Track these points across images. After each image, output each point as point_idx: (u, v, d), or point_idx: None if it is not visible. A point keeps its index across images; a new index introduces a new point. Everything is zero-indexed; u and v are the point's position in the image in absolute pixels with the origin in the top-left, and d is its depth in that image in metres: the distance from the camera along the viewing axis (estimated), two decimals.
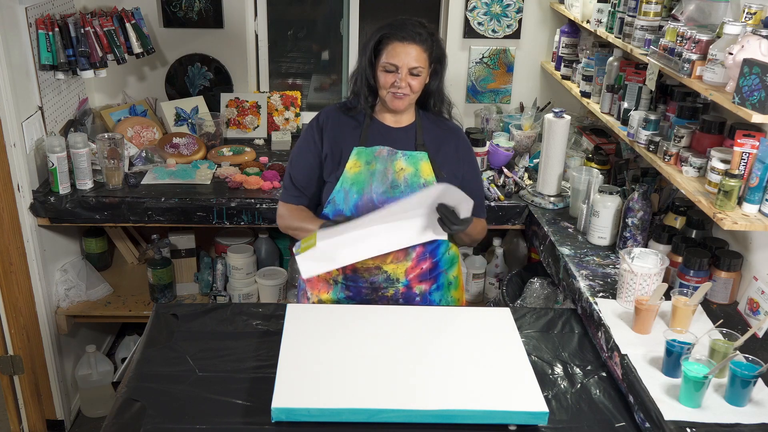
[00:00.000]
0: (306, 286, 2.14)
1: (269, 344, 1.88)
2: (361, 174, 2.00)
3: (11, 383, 2.79)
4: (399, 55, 1.92)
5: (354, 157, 2.01)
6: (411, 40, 1.92)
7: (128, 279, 3.15)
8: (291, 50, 3.84)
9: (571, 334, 2.02)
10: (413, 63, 1.92)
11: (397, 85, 1.94)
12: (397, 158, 2.01)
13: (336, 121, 2.07)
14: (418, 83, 1.96)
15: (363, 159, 2.01)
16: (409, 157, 2.02)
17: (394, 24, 1.95)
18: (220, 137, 3.22)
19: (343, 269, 2.05)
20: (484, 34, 3.38)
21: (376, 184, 1.99)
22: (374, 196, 1.99)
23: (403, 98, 1.97)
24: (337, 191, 2.01)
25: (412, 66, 1.92)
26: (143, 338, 1.94)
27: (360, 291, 2.06)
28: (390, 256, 2.02)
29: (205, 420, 1.60)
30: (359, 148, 2.02)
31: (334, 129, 2.06)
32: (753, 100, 1.68)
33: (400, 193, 1.98)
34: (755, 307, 1.93)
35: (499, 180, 2.83)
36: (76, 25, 2.75)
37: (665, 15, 2.29)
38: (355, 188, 1.99)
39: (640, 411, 1.66)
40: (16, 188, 2.57)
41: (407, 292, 2.08)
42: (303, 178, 2.07)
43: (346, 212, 2.00)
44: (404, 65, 1.92)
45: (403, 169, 2.01)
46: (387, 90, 1.96)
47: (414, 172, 2.01)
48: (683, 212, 2.26)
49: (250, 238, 3.15)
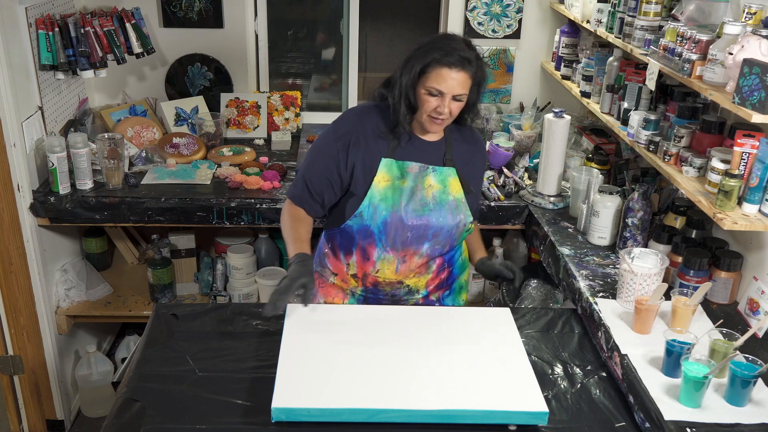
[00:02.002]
0: (318, 292, 2.11)
1: (269, 344, 1.88)
2: (389, 189, 1.94)
3: (11, 383, 2.79)
4: (446, 82, 1.82)
5: (383, 169, 1.94)
6: (460, 67, 1.81)
7: (128, 279, 3.15)
8: (291, 50, 3.84)
9: (571, 334, 2.02)
10: (459, 90, 1.83)
11: (440, 111, 1.85)
12: (428, 174, 1.96)
13: (363, 130, 1.96)
14: (458, 108, 1.88)
15: (393, 173, 1.94)
16: (438, 173, 1.97)
17: (443, 47, 1.83)
18: (220, 137, 3.22)
19: (363, 281, 2.04)
20: (484, 34, 3.38)
21: (407, 201, 1.93)
22: (404, 215, 1.93)
23: (443, 123, 1.90)
24: (365, 206, 1.93)
25: (457, 93, 1.84)
26: (143, 338, 1.94)
27: (380, 302, 2.06)
28: (412, 271, 2.02)
29: (205, 420, 1.60)
30: (389, 161, 1.94)
31: (365, 140, 1.95)
32: (753, 100, 1.68)
33: (429, 211, 1.94)
34: (755, 307, 1.93)
35: (499, 180, 2.83)
36: (76, 25, 2.75)
37: (665, 15, 2.29)
38: (384, 204, 1.93)
39: (640, 411, 1.66)
40: (16, 188, 2.57)
41: (425, 301, 2.09)
42: (317, 183, 1.97)
43: (373, 228, 1.95)
44: (449, 92, 1.83)
45: (432, 186, 1.96)
46: (427, 114, 1.88)
47: (442, 189, 1.97)
48: (683, 212, 2.26)
49: (250, 238, 3.15)
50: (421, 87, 1.85)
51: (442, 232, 1.97)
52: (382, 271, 2.01)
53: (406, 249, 1.98)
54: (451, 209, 1.97)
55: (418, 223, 1.94)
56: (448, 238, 2.00)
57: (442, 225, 1.96)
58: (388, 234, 1.96)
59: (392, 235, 1.96)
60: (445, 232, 1.98)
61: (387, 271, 2.01)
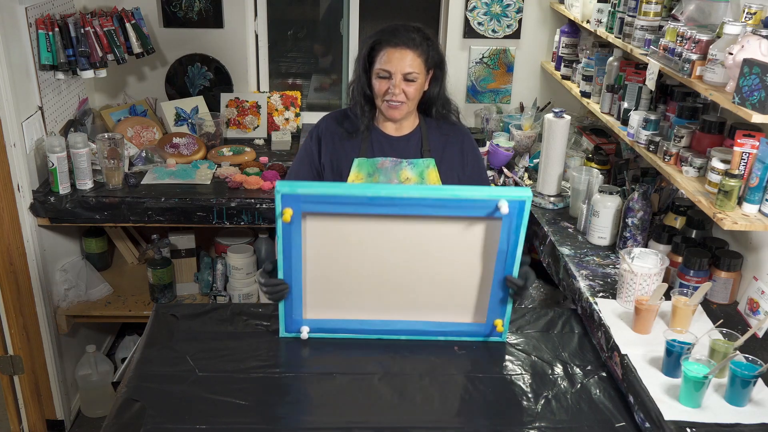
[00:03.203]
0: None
1: (269, 344, 1.88)
2: None
3: (11, 383, 2.79)
4: (392, 61, 1.86)
5: (355, 169, 1.97)
6: (404, 45, 1.87)
7: (128, 279, 3.15)
8: (291, 50, 3.84)
9: (571, 334, 2.02)
10: (407, 68, 1.87)
11: (392, 92, 1.88)
12: (402, 168, 1.97)
13: (335, 131, 2.02)
14: (413, 90, 1.90)
15: (365, 171, 1.97)
16: (414, 165, 1.97)
17: (386, 30, 1.90)
18: (220, 137, 3.22)
19: None
20: (484, 34, 3.38)
21: None
22: None
23: (399, 107, 1.91)
24: None
25: (406, 71, 1.87)
26: (143, 338, 1.94)
27: None
28: None
29: (205, 420, 1.60)
30: (360, 160, 1.97)
31: (333, 138, 2.01)
32: (753, 100, 1.68)
33: None
34: (755, 307, 1.93)
35: (499, 180, 2.83)
36: (76, 25, 2.75)
37: (665, 15, 2.29)
38: None
39: (640, 411, 1.66)
40: (16, 188, 2.57)
41: None
42: None
43: None
44: (398, 71, 1.86)
45: (409, 179, 1.96)
46: (382, 98, 1.91)
47: (420, 182, 1.97)
48: (683, 212, 2.26)
49: (250, 238, 3.15)
50: (372, 74, 1.91)
51: None
52: None
53: None
54: None
55: None
56: None
57: None
58: None
59: None
60: None
61: None
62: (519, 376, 1.81)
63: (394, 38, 1.87)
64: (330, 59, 3.86)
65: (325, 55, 3.89)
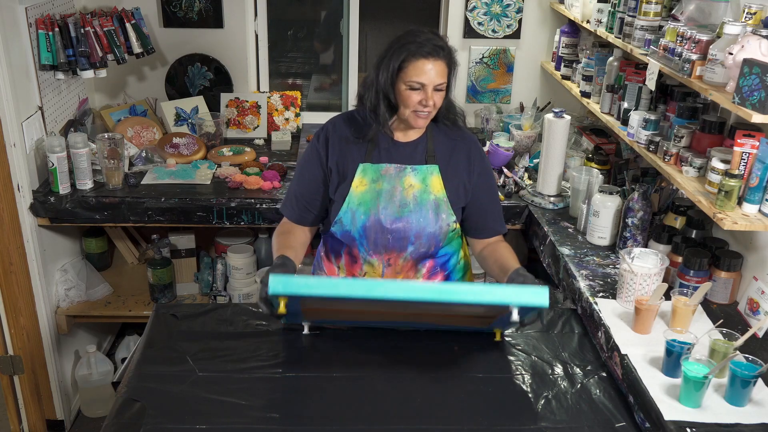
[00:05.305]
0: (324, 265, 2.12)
1: (269, 344, 1.88)
2: (368, 193, 1.93)
3: (11, 383, 2.79)
4: (427, 73, 1.80)
5: (360, 174, 1.94)
6: (435, 56, 1.81)
7: (128, 279, 3.15)
8: (291, 50, 3.84)
9: (571, 334, 2.02)
10: (439, 80, 1.82)
11: (425, 104, 1.83)
12: (406, 174, 1.94)
13: (343, 133, 1.97)
14: (441, 98, 1.87)
15: (369, 177, 1.94)
16: (418, 172, 1.94)
17: (415, 40, 1.82)
18: (220, 137, 3.22)
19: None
20: (484, 34, 3.38)
21: (384, 204, 1.92)
22: (382, 217, 1.92)
23: (428, 116, 1.88)
24: (344, 211, 1.94)
25: (438, 83, 1.83)
26: (143, 338, 1.94)
27: None
28: (400, 274, 2.00)
29: (205, 420, 1.60)
30: (365, 165, 1.94)
31: (340, 142, 1.97)
32: (753, 100, 1.68)
33: (408, 212, 1.92)
34: (755, 307, 1.93)
35: (499, 180, 2.83)
36: (76, 25, 2.75)
37: (665, 15, 2.29)
38: (362, 209, 1.93)
39: (640, 411, 1.66)
40: (16, 188, 2.57)
41: None
42: (306, 192, 1.99)
43: (354, 233, 1.95)
44: (430, 83, 1.81)
45: (412, 186, 1.93)
46: (411, 109, 1.86)
47: (423, 189, 1.94)
48: (683, 212, 2.26)
49: (250, 238, 3.15)
50: (401, 83, 1.84)
51: (424, 233, 1.95)
52: (369, 274, 2.01)
53: (389, 252, 1.97)
54: (432, 209, 1.94)
55: (398, 226, 1.92)
56: (431, 239, 1.96)
57: (423, 226, 1.94)
58: (368, 238, 1.95)
59: (373, 239, 1.95)
60: (428, 233, 1.95)
61: (373, 275, 2.01)
62: (519, 376, 1.81)
63: (425, 48, 1.81)
64: (330, 59, 3.86)
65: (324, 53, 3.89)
